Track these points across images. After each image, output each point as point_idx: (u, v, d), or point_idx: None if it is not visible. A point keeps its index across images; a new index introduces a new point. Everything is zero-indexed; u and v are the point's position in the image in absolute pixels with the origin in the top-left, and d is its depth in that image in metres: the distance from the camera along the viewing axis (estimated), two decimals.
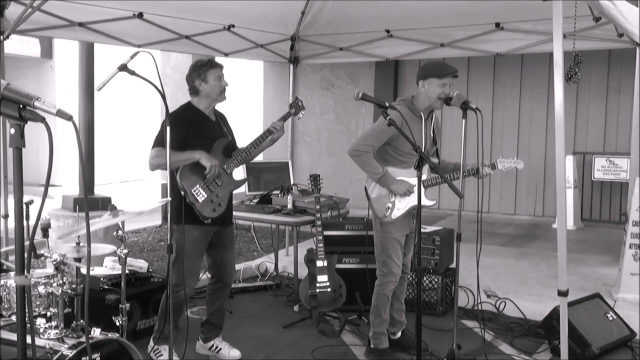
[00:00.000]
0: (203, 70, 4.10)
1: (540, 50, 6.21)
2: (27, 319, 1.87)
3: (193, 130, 4.09)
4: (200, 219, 4.07)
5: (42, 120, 1.78)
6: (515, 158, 4.19)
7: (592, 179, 9.00)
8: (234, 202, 6.10)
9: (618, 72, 9.09)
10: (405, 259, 4.43)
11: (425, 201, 4.17)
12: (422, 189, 4.12)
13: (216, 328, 4.48)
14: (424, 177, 4.14)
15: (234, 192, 4.36)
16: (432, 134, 4.33)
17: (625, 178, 8.43)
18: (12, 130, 1.75)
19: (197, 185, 4.05)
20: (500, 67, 9.88)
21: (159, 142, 4.00)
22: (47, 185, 1.82)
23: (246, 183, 6.07)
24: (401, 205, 4.20)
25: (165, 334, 4.09)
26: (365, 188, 4.36)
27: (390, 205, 4.22)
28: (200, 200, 4.04)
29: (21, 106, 1.76)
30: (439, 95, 4.10)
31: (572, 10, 4.03)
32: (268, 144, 4.33)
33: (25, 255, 1.82)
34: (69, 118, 1.76)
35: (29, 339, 2.06)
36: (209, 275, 4.48)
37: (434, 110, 4.30)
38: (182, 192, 4.02)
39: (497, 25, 5.98)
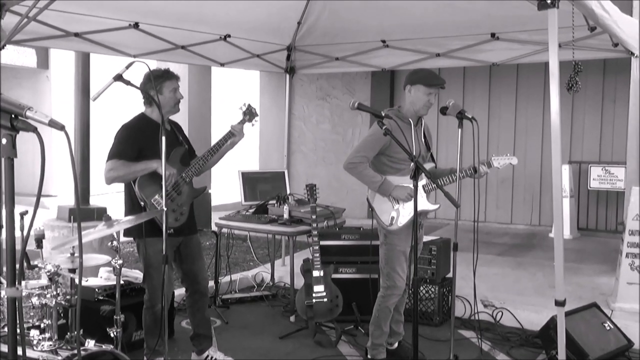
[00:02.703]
0: (159, 82, 3.99)
1: (535, 60, 6.23)
2: (18, 330, 1.85)
3: (147, 141, 3.96)
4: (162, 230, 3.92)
5: (34, 130, 1.77)
6: (508, 154, 4.19)
7: (588, 188, 9.01)
8: (230, 212, 6.12)
9: (613, 82, 9.12)
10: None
11: (428, 205, 4.19)
12: (424, 195, 4.14)
13: (206, 338, 4.45)
14: (424, 182, 4.14)
15: (231, 202, 4.34)
16: (423, 139, 4.33)
17: (621, 187, 8.45)
18: (4, 141, 1.74)
19: (157, 195, 3.96)
20: (495, 76, 9.91)
21: (114, 154, 3.95)
22: (39, 195, 1.81)
23: (242, 193, 6.07)
24: (405, 212, 4.18)
25: (157, 350, 4.05)
26: (368, 200, 4.33)
27: (394, 214, 4.20)
28: None
29: (13, 116, 1.75)
30: (424, 103, 4.11)
31: (567, 20, 4.05)
32: (229, 148, 4.25)
33: (17, 266, 1.80)
34: (61, 128, 1.75)
35: (20, 351, 2.04)
36: (185, 288, 4.44)
37: (422, 117, 4.31)
38: (142, 203, 3.95)
39: (493, 35, 6.01)
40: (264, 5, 5.81)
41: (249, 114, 4.35)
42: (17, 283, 1.79)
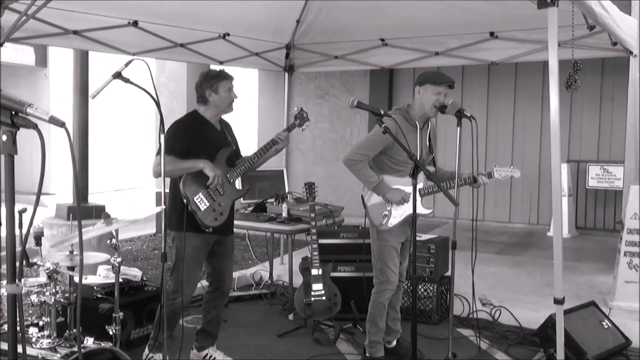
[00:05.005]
0: (215, 81, 4.09)
1: (534, 59, 6.23)
2: (18, 328, 1.85)
3: (197, 138, 4.09)
4: (201, 228, 4.06)
5: (35, 127, 1.76)
6: (511, 167, 4.19)
7: (587, 187, 9.02)
8: None
9: (611, 81, 9.13)
10: (401, 267, 4.41)
11: (421, 209, 4.16)
12: (419, 198, 4.13)
13: (211, 337, 4.46)
14: (420, 185, 4.13)
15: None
16: (428, 143, 4.33)
17: (619, 186, 8.46)
18: (4, 137, 1.74)
19: (200, 194, 4.04)
20: (494, 75, 9.91)
21: (164, 149, 4.01)
22: (39, 192, 1.81)
23: None
24: (397, 214, 4.20)
25: (160, 342, 4.06)
26: (362, 196, 4.35)
27: (386, 213, 4.21)
28: (202, 209, 4.04)
29: (13, 113, 1.75)
30: (433, 103, 4.10)
31: (566, 19, 4.05)
32: (272, 154, 4.34)
33: (17, 263, 1.80)
34: (62, 124, 1.75)
35: (20, 349, 2.04)
36: (207, 283, 4.47)
37: (430, 119, 4.31)
38: (185, 200, 4.01)
39: (492, 34, 6.01)
40: (263, 3, 5.81)
41: (300, 118, 4.43)
42: (17, 280, 1.79)
